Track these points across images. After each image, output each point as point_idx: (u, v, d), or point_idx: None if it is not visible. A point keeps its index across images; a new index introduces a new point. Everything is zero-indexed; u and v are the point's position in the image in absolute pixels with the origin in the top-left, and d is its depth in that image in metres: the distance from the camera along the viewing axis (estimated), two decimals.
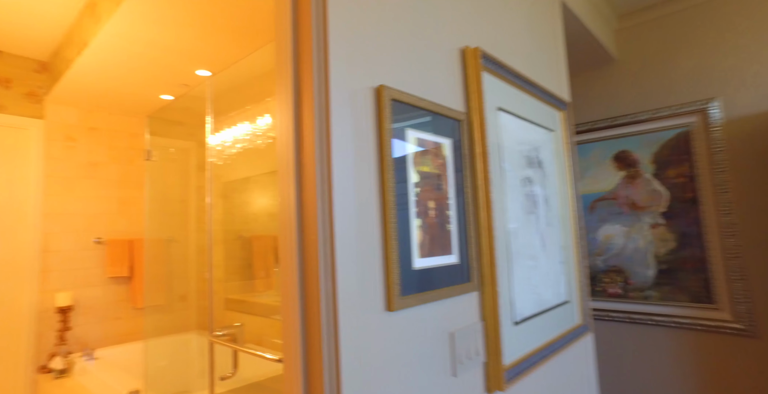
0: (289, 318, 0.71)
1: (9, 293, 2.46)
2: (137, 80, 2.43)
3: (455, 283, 0.91)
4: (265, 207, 2.81)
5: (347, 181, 0.70)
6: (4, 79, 2.52)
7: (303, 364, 0.68)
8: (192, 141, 3.24)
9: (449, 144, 0.96)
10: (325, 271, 0.66)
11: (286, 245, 0.72)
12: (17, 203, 2.52)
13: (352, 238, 0.70)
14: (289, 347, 0.70)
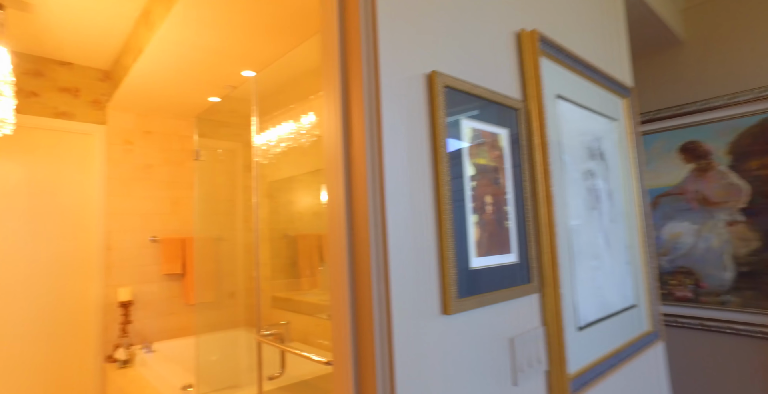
0: (339, 321, 0.68)
1: (79, 287, 2.64)
2: (187, 84, 2.53)
3: (514, 284, 0.84)
4: (309, 206, 2.84)
5: (400, 176, 0.66)
6: (73, 88, 2.71)
7: (354, 370, 0.64)
8: (238, 142, 3.33)
9: (506, 134, 0.89)
10: (378, 271, 0.63)
11: (335, 244, 0.69)
12: (85, 203, 2.71)
13: (406, 236, 0.65)
14: (339, 351, 0.67)
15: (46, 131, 2.63)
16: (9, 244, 2.46)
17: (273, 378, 1.36)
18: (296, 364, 2.27)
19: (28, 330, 2.47)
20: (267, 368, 2.52)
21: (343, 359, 0.66)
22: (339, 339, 0.67)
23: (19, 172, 2.52)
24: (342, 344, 0.66)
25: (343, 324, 0.66)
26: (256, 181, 2.20)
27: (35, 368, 2.47)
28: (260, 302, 2.99)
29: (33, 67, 2.60)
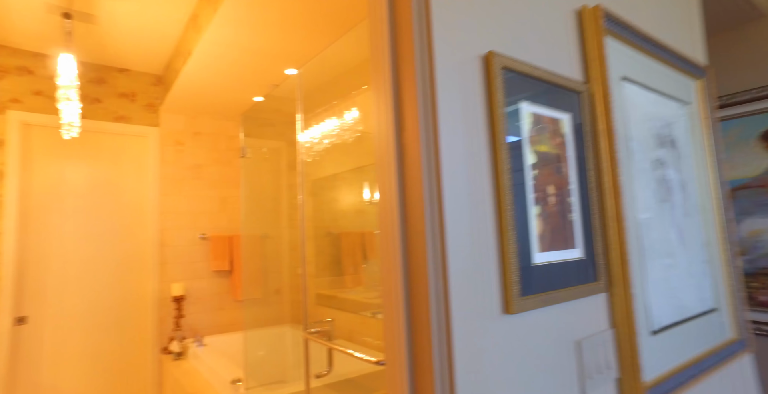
0: (392, 320, 0.65)
1: (137, 281, 2.82)
2: (233, 84, 2.61)
3: (580, 282, 0.78)
4: (352, 204, 2.85)
5: (457, 165, 0.63)
6: (130, 93, 2.88)
7: (409, 372, 0.61)
8: (282, 141, 3.41)
9: (568, 120, 0.83)
10: (435, 267, 0.59)
11: (388, 238, 0.66)
12: (141, 202, 2.88)
13: (464, 228, 0.62)
14: (393, 351, 0.64)
15: (107, 135, 2.82)
16: (78, 240, 2.66)
17: (320, 376, 1.36)
18: (342, 361, 2.28)
19: (95, 321, 2.66)
20: (314, 365, 2.56)
21: (397, 359, 0.63)
22: (392, 339, 0.65)
23: (84, 173, 2.72)
24: (396, 344, 0.64)
25: (397, 323, 0.64)
26: (302, 177, 2.24)
27: (102, 357, 2.66)
28: (307, 301, 3.04)
29: (96, 75, 2.79)
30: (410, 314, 0.62)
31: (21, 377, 2.44)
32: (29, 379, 2.46)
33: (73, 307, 2.62)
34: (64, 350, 2.57)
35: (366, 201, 2.79)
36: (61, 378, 2.54)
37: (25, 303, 2.49)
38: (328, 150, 2.80)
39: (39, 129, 2.62)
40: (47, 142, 2.64)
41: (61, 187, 2.65)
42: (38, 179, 2.59)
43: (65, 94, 1.50)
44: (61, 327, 2.57)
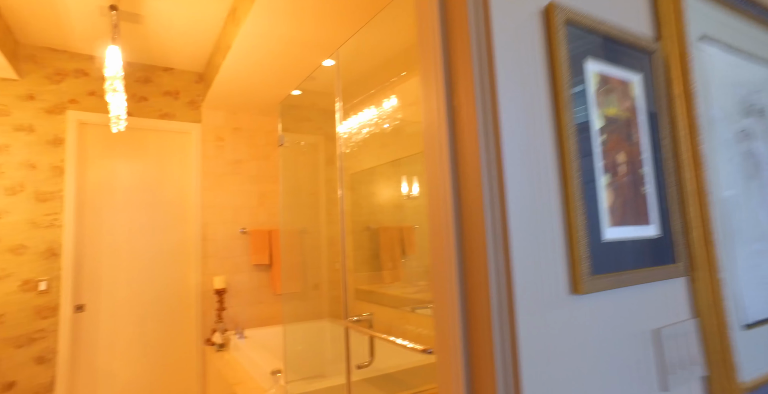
0: (444, 303, 0.59)
1: (182, 274, 2.92)
2: (270, 77, 2.64)
3: (656, 263, 0.69)
4: (390, 198, 2.81)
5: (517, 128, 0.56)
6: (174, 91, 3.00)
7: (464, 360, 0.55)
8: (320, 135, 3.43)
9: (639, 82, 0.74)
10: (495, 242, 0.53)
11: (438, 210, 0.61)
12: (184, 197, 2.99)
13: (526, 196, 0.55)
14: (445, 337, 0.59)
15: (153, 132, 2.94)
16: (127, 234, 2.79)
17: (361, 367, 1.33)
18: (383, 354, 2.24)
19: (144, 310, 2.78)
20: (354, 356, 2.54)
21: (450, 346, 0.58)
22: (444, 323, 0.59)
23: (132, 169, 2.85)
24: (449, 328, 0.58)
25: (450, 305, 0.58)
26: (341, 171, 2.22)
27: (150, 345, 2.78)
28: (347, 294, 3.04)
29: (143, 74, 2.92)
30: (465, 295, 0.56)
31: (81, 360, 2.59)
32: (88, 363, 2.61)
33: (125, 297, 2.75)
34: (117, 338, 2.70)
35: (404, 195, 2.75)
36: (115, 363, 2.68)
37: (83, 292, 2.64)
38: (366, 141, 2.77)
39: (93, 128, 2.78)
40: (99, 140, 2.79)
41: (112, 182, 2.79)
42: (92, 175, 2.74)
43: (111, 85, 1.56)
44: (114, 316, 2.71)
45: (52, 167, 2.60)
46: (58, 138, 2.64)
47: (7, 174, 2.50)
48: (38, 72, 2.63)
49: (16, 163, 2.52)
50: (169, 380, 2.82)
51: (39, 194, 2.56)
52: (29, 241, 2.51)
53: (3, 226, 2.46)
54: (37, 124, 2.59)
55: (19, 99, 2.57)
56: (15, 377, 2.41)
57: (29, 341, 2.46)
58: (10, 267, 2.46)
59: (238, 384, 2.10)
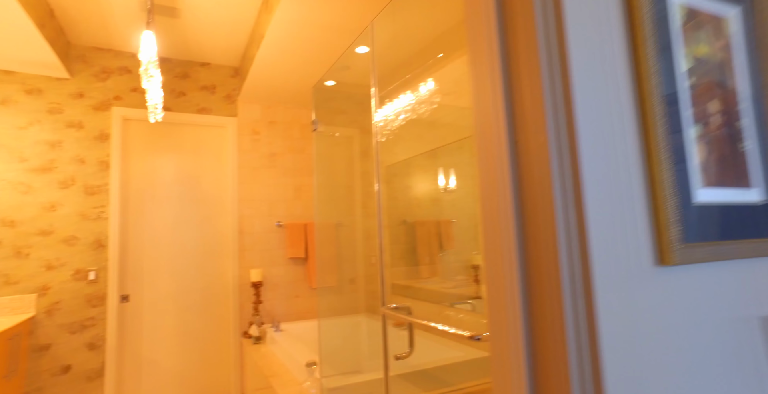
0: (499, 276, 0.50)
1: (220, 267, 2.96)
2: (304, 67, 2.62)
3: (763, 235, 0.56)
4: (427, 192, 2.73)
5: (587, 65, 0.46)
6: (210, 86, 3.05)
7: (526, 347, 0.46)
8: (355, 127, 3.39)
9: (736, 16, 0.61)
10: (564, 199, 0.44)
11: (489, 153, 0.52)
12: (222, 190, 3.03)
13: (600, 149, 0.45)
14: (501, 319, 0.50)
15: (191, 126, 3.01)
16: (168, 227, 2.86)
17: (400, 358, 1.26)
18: (420, 351, 2.16)
19: (184, 302, 2.84)
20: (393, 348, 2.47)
21: (507, 330, 0.48)
22: (499, 300, 0.50)
23: (172, 163, 2.92)
24: (505, 308, 0.49)
25: (506, 278, 0.49)
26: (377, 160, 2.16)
27: (190, 336, 2.83)
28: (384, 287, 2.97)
29: (181, 70, 2.99)
30: (526, 266, 0.47)
31: (127, 348, 2.68)
32: (133, 351, 2.69)
33: (166, 289, 2.82)
34: (159, 328, 2.77)
35: (441, 189, 2.66)
36: (157, 353, 2.75)
37: (127, 283, 2.73)
38: (402, 128, 2.70)
39: (135, 123, 2.87)
40: (141, 135, 2.88)
41: (153, 176, 2.87)
42: (134, 170, 2.83)
43: (147, 71, 1.57)
44: (156, 307, 2.78)
45: (99, 162, 2.71)
46: (104, 133, 2.74)
47: (60, 168, 2.62)
48: (87, 71, 2.74)
49: (68, 158, 2.64)
50: (208, 371, 2.86)
51: (88, 188, 2.66)
52: (79, 232, 2.62)
53: (58, 218, 2.58)
54: (85, 121, 2.70)
55: (71, 97, 2.69)
56: (70, 361, 2.52)
57: (81, 327, 2.57)
58: (64, 257, 2.57)
59: (274, 376, 2.08)
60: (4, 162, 2.51)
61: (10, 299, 2.43)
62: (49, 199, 2.58)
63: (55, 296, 2.53)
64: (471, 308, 2.15)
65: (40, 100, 2.62)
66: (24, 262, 2.49)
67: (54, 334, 2.51)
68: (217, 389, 2.87)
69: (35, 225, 2.54)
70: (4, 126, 2.53)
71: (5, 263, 2.45)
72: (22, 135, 2.56)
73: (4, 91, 2.55)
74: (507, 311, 0.48)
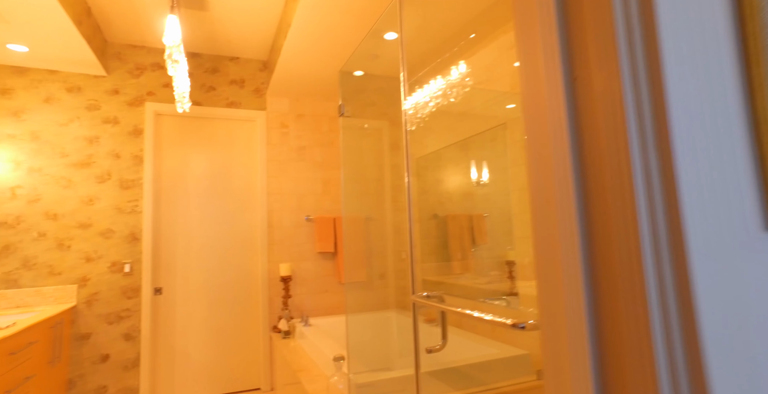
0: (552, 243, 0.41)
1: (249, 261, 2.97)
2: (332, 57, 2.58)
3: None
4: (459, 185, 2.64)
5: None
6: (239, 80, 3.07)
7: (591, 332, 0.37)
8: (385, 120, 3.32)
9: None
10: (643, 153, 0.34)
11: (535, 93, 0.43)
12: (251, 184, 3.04)
13: (691, 92, 0.35)
14: (557, 298, 0.41)
15: (221, 120, 3.03)
16: (199, 220, 2.89)
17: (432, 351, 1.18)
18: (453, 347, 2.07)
19: (215, 296, 2.87)
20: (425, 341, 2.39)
21: (566, 314, 0.39)
22: (553, 276, 0.41)
23: (202, 158, 2.96)
24: (560, 285, 0.40)
25: (562, 245, 0.40)
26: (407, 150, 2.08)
27: (221, 329, 2.86)
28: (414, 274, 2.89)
29: (211, 65, 3.02)
30: (588, 231, 0.38)
31: (160, 340, 2.73)
32: (166, 343, 2.74)
33: (197, 282, 2.85)
34: (191, 321, 2.81)
35: (473, 182, 2.56)
36: (189, 345, 2.79)
37: (160, 276, 2.78)
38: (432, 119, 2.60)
39: (167, 118, 2.92)
40: (173, 130, 2.92)
41: (184, 171, 2.91)
42: (166, 164, 2.88)
43: (171, 55, 1.56)
44: (187, 300, 2.82)
45: (133, 156, 2.77)
46: (138, 128, 2.80)
47: (97, 163, 2.70)
48: (122, 68, 2.81)
49: (104, 153, 2.72)
50: (238, 364, 2.88)
51: (123, 182, 2.73)
52: (115, 225, 2.69)
53: (95, 211, 2.66)
54: (120, 116, 2.78)
55: (107, 94, 2.77)
56: (108, 351, 2.60)
57: (118, 318, 2.64)
58: (101, 249, 2.65)
59: (302, 371, 2.04)
60: (47, 157, 2.61)
61: (54, 289, 2.53)
62: (87, 193, 2.66)
63: (93, 287, 2.61)
64: (506, 305, 2.04)
65: (79, 97, 2.71)
66: (66, 254, 2.58)
67: (93, 324, 2.59)
68: (246, 383, 2.88)
69: (75, 218, 2.62)
70: (47, 123, 2.63)
71: (49, 254, 2.55)
72: (63, 131, 2.66)
73: (48, 89, 2.65)
74: (563, 289, 0.39)
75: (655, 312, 0.32)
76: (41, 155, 2.60)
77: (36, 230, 2.54)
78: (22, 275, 2.49)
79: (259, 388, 2.90)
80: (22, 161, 2.56)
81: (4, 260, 2.47)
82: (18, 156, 2.55)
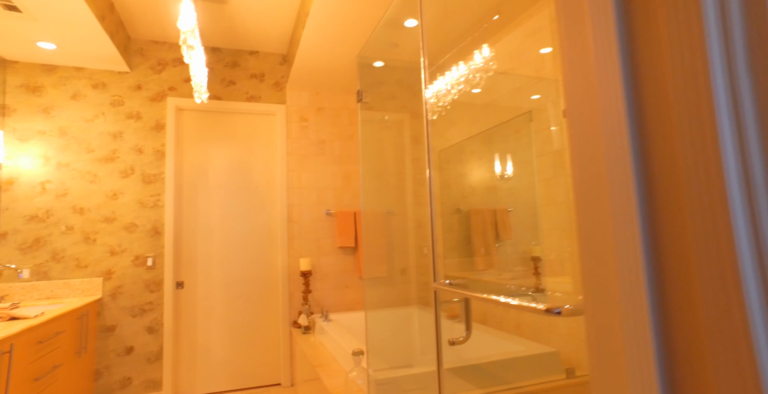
0: (599, 203, 0.37)
1: (269, 256, 2.99)
2: (350, 47, 2.55)
3: None
4: (482, 179, 2.58)
5: None
6: (259, 74, 3.09)
7: (653, 320, 0.32)
8: (405, 112, 3.29)
9: None
10: (741, 156, 0.30)
11: None
12: (271, 178, 3.06)
13: None
14: (608, 275, 0.36)
15: (241, 115, 3.06)
16: (219, 215, 2.93)
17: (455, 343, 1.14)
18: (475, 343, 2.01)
19: (235, 290, 2.90)
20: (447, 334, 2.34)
21: (620, 296, 0.35)
22: (602, 244, 0.37)
23: (222, 152, 2.99)
24: (613, 259, 0.36)
25: (617, 207, 0.35)
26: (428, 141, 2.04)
27: (241, 324, 2.89)
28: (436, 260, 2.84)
29: (231, 59, 3.05)
30: (646, 197, 0.33)
31: (182, 333, 2.78)
32: (188, 336, 2.79)
33: (218, 276, 2.89)
34: (212, 315, 2.85)
35: (497, 176, 2.49)
36: (210, 339, 2.83)
37: (182, 270, 2.83)
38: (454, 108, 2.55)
39: (188, 113, 2.97)
40: (193, 124, 2.97)
41: (205, 165, 2.95)
42: (187, 158, 2.92)
43: (185, 39, 1.57)
44: (209, 294, 2.86)
45: (155, 151, 2.83)
46: (160, 123, 2.86)
47: (121, 158, 2.77)
48: (144, 64, 2.88)
49: (128, 148, 2.79)
50: (259, 359, 2.90)
51: (145, 177, 2.79)
52: (138, 220, 2.75)
53: (119, 206, 2.73)
54: (143, 112, 2.84)
55: (130, 89, 2.83)
56: (132, 343, 2.66)
57: (141, 311, 2.70)
58: (125, 243, 2.72)
59: (321, 366, 2.03)
60: (75, 153, 2.69)
61: (81, 282, 2.61)
62: (111, 187, 2.73)
63: (118, 280, 2.68)
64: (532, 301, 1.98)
65: (104, 93, 2.78)
66: (92, 247, 2.66)
67: (118, 316, 2.66)
68: (266, 379, 2.90)
69: (100, 212, 2.70)
70: (75, 119, 2.71)
71: (77, 247, 2.63)
72: (89, 127, 2.74)
73: (75, 86, 2.73)
74: (616, 264, 0.34)
75: (753, 293, 0.28)
76: (69, 151, 2.68)
77: (64, 224, 2.63)
78: (52, 267, 2.58)
79: (279, 383, 2.92)
80: (51, 157, 2.65)
81: (35, 252, 2.56)
82: (47, 152, 2.65)
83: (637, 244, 0.34)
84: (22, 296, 2.49)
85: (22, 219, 2.56)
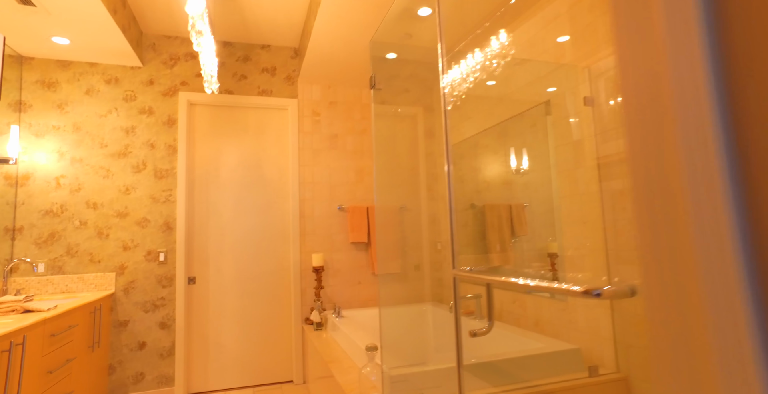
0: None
1: (281, 252, 2.98)
2: (362, 40, 2.52)
3: None
4: (497, 174, 2.53)
5: None
6: (271, 68, 3.08)
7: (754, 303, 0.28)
8: (419, 106, 3.25)
9: None
10: None
11: None
12: (283, 173, 3.05)
13: None
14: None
15: (253, 109, 3.06)
16: (231, 210, 2.93)
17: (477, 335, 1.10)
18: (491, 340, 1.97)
19: (247, 286, 2.90)
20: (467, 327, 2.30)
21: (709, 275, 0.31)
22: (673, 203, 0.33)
23: (234, 147, 2.99)
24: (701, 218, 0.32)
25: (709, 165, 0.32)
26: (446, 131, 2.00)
27: (254, 320, 2.89)
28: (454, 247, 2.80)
29: (243, 53, 3.05)
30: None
31: (194, 329, 2.79)
32: (200, 332, 2.80)
33: (229, 272, 2.89)
34: (224, 311, 2.85)
35: (513, 170, 2.44)
36: (222, 335, 2.83)
37: (194, 265, 2.84)
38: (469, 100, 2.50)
39: (200, 107, 2.98)
40: (205, 119, 2.98)
41: (217, 160, 2.96)
42: (199, 153, 2.93)
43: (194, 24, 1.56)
44: (220, 290, 2.86)
45: (167, 146, 2.84)
46: (172, 118, 2.87)
47: (133, 153, 2.79)
48: (157, 58, 2.89)
49: (140, 143, 2.81)
50: (271, 356, 2.89)
51: (157, 172, 2.81)
52: (150, 215, 2.77)
53: (132, 201, 2.75)
54: (155, 107, 2.85)
55: (143, 84, 2.85)
56: (145, 338, 2.68)
57: (153, 306, 2.71)
58: (137, 238, 2.74)
59: (333, 362, 2.01)
60: (88, 148, 2.72)
61: (94, 276, 2.63)
62: (124, 182, 2.75)
63: (130, 275, 2.70)
64: (549, 297, 1.93)
65: (117, 88, 2.80)
66: (105, 242, 2.68)
67: (131, 311, 2.68)
68: (278, 375, 2.90)
69: (113, 207, 2.72)
70: (88, 114, 2.74)
71: (90, 242, 2.66)
72: (102, 122, 2.76)
73: (89, 81, 2.76)
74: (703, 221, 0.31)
75: None
76: (83, 146, 2.71)
77: (78, 219, 2.65)
78: (66, 262, 2.61)
79: (291, 380, 2.91)
80: (65, 152, 2.68)
81: (51, 247, 2.59)
82: (62, 147, 2.68)
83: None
84: (38, 290, 2.53)
85: (37, 214, 2.59)
